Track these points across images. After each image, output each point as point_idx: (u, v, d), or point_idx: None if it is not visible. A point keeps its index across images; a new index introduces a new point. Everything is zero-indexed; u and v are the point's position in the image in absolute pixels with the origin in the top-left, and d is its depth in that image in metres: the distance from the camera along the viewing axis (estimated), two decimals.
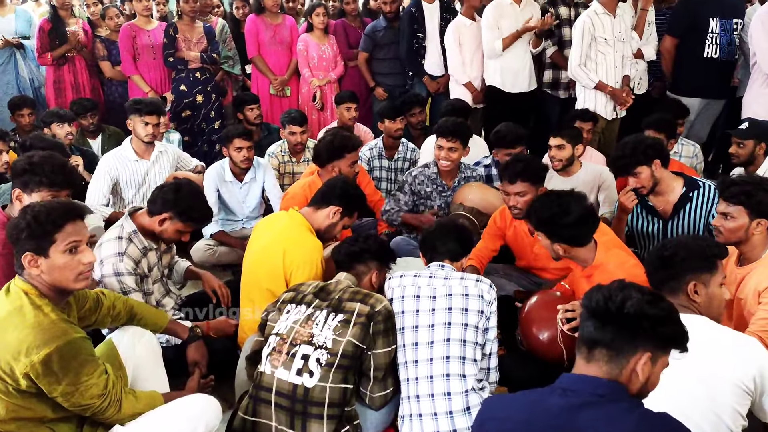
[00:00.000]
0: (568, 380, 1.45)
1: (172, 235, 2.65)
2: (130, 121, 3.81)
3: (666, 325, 1.41)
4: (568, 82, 4.93)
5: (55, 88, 5.33)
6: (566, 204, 2.39)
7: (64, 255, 1.85)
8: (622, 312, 1.40)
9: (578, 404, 1.38)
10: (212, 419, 2.06)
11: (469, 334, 2.19)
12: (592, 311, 1.44)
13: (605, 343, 1.41)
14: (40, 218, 1.83)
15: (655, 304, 1.41)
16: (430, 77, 5.31)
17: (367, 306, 2.15)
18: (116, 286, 2.53)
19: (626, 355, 1.40)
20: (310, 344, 2.10)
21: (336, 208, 2.72)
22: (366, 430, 2.23)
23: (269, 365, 2.13)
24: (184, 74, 5.08)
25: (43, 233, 1.83)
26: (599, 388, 1.39)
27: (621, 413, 1.36)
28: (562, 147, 3.62)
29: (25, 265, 1.83)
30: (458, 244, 2.46)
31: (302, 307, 2.22)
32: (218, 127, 5.19)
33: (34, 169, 2.47)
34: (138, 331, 2.34)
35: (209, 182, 3.84)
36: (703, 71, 4.70)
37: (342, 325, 2.12)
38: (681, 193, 3.07)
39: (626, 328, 1.40)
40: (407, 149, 4.58)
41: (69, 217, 1.89)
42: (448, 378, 2.14)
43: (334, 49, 5.52)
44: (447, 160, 3.59)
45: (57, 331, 1.77)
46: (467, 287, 2.25)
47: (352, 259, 2.43)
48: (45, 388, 1.76)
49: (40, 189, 2.49)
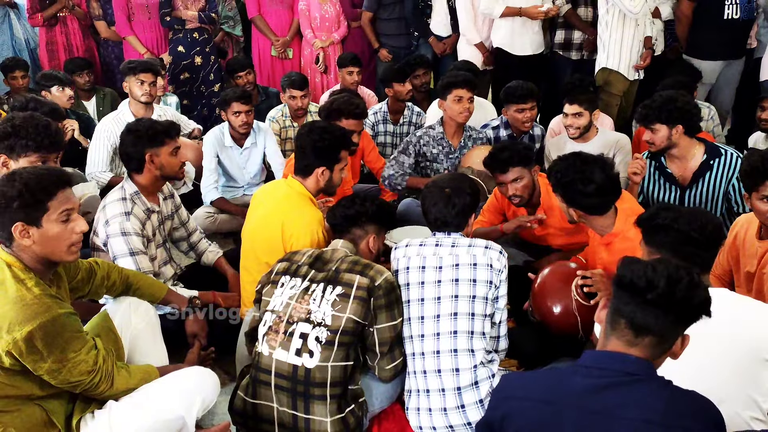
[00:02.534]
0: (593, 358, 1.36)
1: (174, 164, 2.63)
2: (126, 82, 3.75)
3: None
4: (581, 42, 4.75)
5: (48, 49, 5.19)
6: (589, 171, 2.29)
7: (57, 224, 1.76)
8: (687, 302, 1.30)
9: (604, 384, 1.31)
10: (209, 393, 1.99)
11: (478, 306, 2.07)
12: (646, 293, 1.30)
13: (657, 330, 1.31)
14: (31, 185, 1.72)
15: (702, 288, 1.33)
16: (436, 38, 5.13)
17: (367, 278, 2.02)
18: (123, 246, 2.45)
19: (672, 340, 1.33)
20: (308, 322, 1.99)
21: (321, 168, 2.56)
22: (372, 405, 2.16)
23: (266, 346, 2.02)
24: (182, 35, 4.92)
25: (35, 201, 1.73)
26: (628, 366, 1.31)
27: (650, 394, 1.29)
28: (580, 114, 3.51)
29: (16, 236, 1.72)
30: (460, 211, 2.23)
31: (297, 279, 2.08)
32: (218, 90, 5.04)
33: (18, 132, 2.35)
34: (134, 302, 2.25)
35: (208, 147, 3.72)
36: (723, 33, 4.52)
37: (341, 299, 2.00)
38: (702, 161, 2.95)
39: (685, 316, 1.32)
40: (413, 113, 4.44)
41: (60, 184, 1.79)
42: (456, 353, 2.05)
43: (336, 9, 5.33)
44: (468, 111, 3.53)
45: (40, 307, 1.68)
46: (475, 255, 2.11)
47: (348, 222, 2.27)
48: (30, 366, 1.68)
49: (27, 153, 2.38)
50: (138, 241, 2.50)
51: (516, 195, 2.81)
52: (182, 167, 2.70)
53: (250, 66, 4.84)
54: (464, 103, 3.51)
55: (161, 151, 2.58)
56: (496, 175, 2.84)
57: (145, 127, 2.59)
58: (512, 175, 2.78)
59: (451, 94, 3.51)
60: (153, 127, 2.59)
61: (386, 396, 2.22)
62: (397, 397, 2.25)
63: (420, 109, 4.52)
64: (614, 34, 4.30)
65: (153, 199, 2.67)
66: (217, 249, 3.02)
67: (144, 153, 2.56)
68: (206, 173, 3.70)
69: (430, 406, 2.06)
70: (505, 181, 2.81)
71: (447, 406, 2.04)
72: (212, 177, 3.70)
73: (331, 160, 2.58)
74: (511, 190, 2.81)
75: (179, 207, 2.91)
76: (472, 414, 2.02)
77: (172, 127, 2.66)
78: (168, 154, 2.60)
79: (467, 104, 3.52)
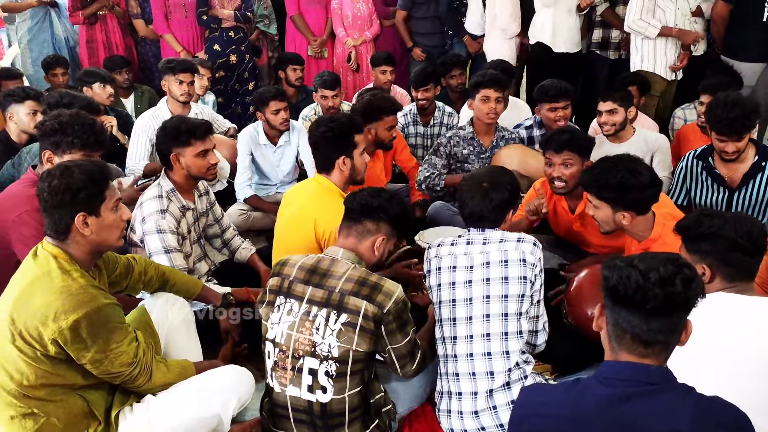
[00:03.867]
0: (612, 369, 1.33)
1: (200, 165, 2.60)
2: (164, 81, 3.79)
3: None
4: (619, 41, 4.67)
5: (87, 47, 5.29)
6: (634, 166, 2.25)
7: (111, 212, 1.84)
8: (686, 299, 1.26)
9: (627, 395, 1.28)
10: (245, 392, 2.02)
11: (511, 306, 2.00)
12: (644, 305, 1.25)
13: (665, 335, 1.28)
14: (94, 176, 1.79)
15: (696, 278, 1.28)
16: (471, 37, 5.08)
17: (374, 305, 1.85)
18: (159, 243, 2.48)
19: (679, 335, 1.30)
20: (314, 356, 1.86)
21: (340, 158, 2.53)
22: (400, 408, 2.15)
23: (277, 383, 1.93)
24: (218, 33, 4.98)
25: (98, 191, 1.80)
26: (649, 376, 1.29)
27: (676, 403, 1.26)
28: (614, 111, 3.43)
29: (77, 227, 1.77)
30: (497, 206, 2.11)
31: (293, 302, 1.92)
32: (252, 89, 5.09)
33: (64, 129, 2.38)
34: (171, 297, 2.29)
35: (242, 145, 3.76)
36: (762, 34, 4.37)
37: (346, 329, 1.84)
38: (753, 162, 2.87)
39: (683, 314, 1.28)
40: (443, 113, 4.40)
41: (109, 175, 1.87)
42: (490, 356, 2.01)
43: (369, 7, 5.33)
44: (494, 112, 3.47)
45: (86, 297, 1.71)
46: (506, 251, 2.03)
47: (365, 211, 2.05)
48: (74, 354, 1.72)
49: (72, 150, 2.40)
50: (173, 238, 2.52)
51: (560, 179, 2.77)
52: (211, 169, 2.65)
53: (303, 62, 4.87)
54: (491, 103, 3.44)
55: (186, 152, 2.57)
56: (549, 153, 2.80)
57: (172, 126, 2.60)
58: (564, 157, 2.75)
59: (478, 93, 3.46)
60: (178, 127, 2.58)
61: (414, 396, 2.20)
62: (426, 397, 2.24)
63: (453, 109, 4.48)
64: None
65: (188, 196, 2.69)
66: (250, 246, 3.05)
67: (170, 151, 2.58)
68: (240, 171, 3.74)
69: (462, 409, 2.03)
70: (555, 162, 2.77)
71: (478, 408, 2.01)
72: (246, 174, 3.74)
73: (347, 147, 2.54)
74: (557, 172, 2.77)
75: (213, 204, 2.94)
76: (504, 415, 1.99)
77: (198, 128, 2.60)
78: (193, 155, 2.58)
79: (494, 104, 3.45)
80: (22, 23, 5.32)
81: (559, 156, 2.74)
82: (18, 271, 1.81)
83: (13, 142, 3.39)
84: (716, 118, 2.76)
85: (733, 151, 2.80)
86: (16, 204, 2.40)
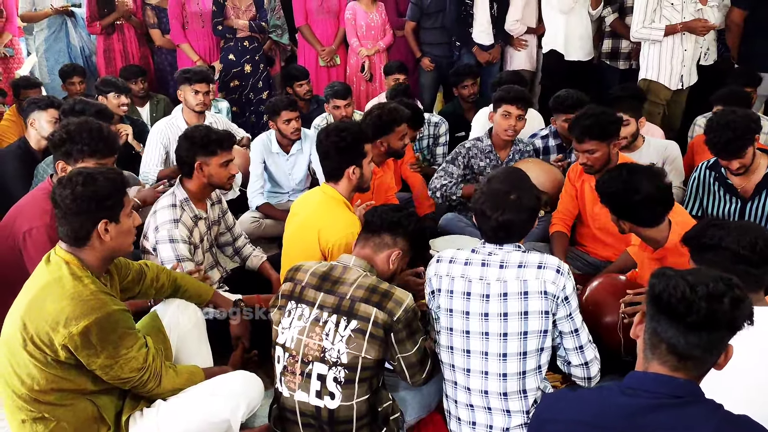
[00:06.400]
0: (639, 380, 1.31)
1: (223, 175, 2.65)
2: (180, 91, 3.83)
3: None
4: (629, 51, 4.67)
5: (105, 57, 5.35)
6: (636, 181, 2.22)
7: (128, 219, 1.87)
8: (732, 320, 1.24)
9: (652, 405, 1.26)
10: (254, 398, 2.03)
11: (531, 343, 1.86)
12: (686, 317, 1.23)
13: (702, 353, 1.26)
14: (117, 183, 1.82)
15: (746, 302, 1.25)
16: (480, 47, 5.08)
17: (384, 313, 1.84)
18: (171, 253, 2.50)
19: (717, 356, 1.27)
20: (323, 362, 1.86)
21: (350, 167, 2.53)
22: (408, 416, 2.14)
23: (286, 388, 1.94)
24: (233, 43, 5.03)
25: (120, 198, 1.84)
26: (676, 390, 1.26)
27: (700, 418, 1.24)
28: (626, 123, 3.41)
29: (100, 233, 1.78)
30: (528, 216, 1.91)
31: (304, 307, 1.93)
32: (266, 98, 5.13)
33: (73, 138, 2.39)
34: (182, 303, 2.30)
35: (255, 153, 3.79)
36: None
37: (356, 336, 1.85)
38: (766, 172, 2.84)
39: (725, 334, 1.25)
40: (428, 125, 4.35)
41: (126, 181, 1.90)
42: (506, 397, 1.89)
43: (382, 17, 5.36)
44: (513, 130, 3.47)
45: (96, 303, 1.73)
46: (526, 282, 1.84)
47: (385, 225, 2.06)
48: (84, 360, 1.73)
49: (83, 158, 2.40)
50: (185, 248, 2.54)
51: (587, 164, 2.88)
52: (231, 179, 2.70)
53: (308, 75, 4.91)
54: (511, 120, 3.43)
55: (212, 161, 2.61)
56: (574, 142, 2.91)
57: (200, 135, 2.62)
58: (587, 146, 2.84)
59: (501, 108, 3.45)
60: (207, 136, 2.61)
61: (422, 406, 2.19)
62: (435, 406, 2.22)
63: (467, 118, 4.45)
64: (652, 46, 4.23)
65: (201, 205, 2.71)
66: (261, 254, 3.06)
67: (195, 159, 2.60)
68: (253, 179, 3.77)
69: None
70: (579, 150, 2.87)
71: None
72: (258, 183, 3.77)
73: (358, 156, 2.54)
74: (583, 158, 2.88)
75: (226, 212, 2.96)
76: None
77: (226, 139, 2.67)
78: (218, 165, 2.62)
79: (514, 121, 3.44)
80: (39, 33, 5.41)
81: (581, 145, 2.84)
82: (31, 277, 1.84)
83: (32, 149, 3.45)
84: (711, 141, 2.76)
85: (737, 167, 2.78)
86: (32, 215, 2.39)
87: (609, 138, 2.82)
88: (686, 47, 4.22)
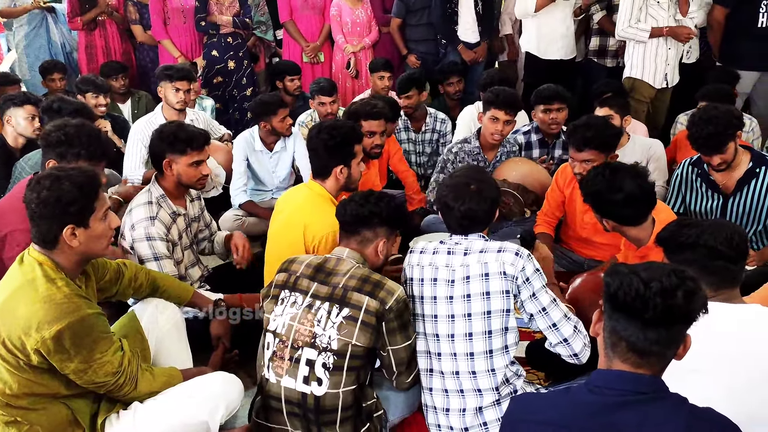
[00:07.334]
0: (603, 378, 1.31)
1: (192, 175, 2.57)
2: (160, 88, 3.79)
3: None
4: (616, 49, 4.69)
5: (87, 53, 5.27)
6: (619, 180, 2.22)
7: (101, 223, 1.81)
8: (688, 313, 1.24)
9: (617, 403, 1.26)
10: (234, 399, 2.01)
11: (495, 322, 1.93)
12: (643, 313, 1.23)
13: (661, 347, 1.26)
14: (85, 188, 1.76)
15: (700, 292, 1.25)
16: (465, 45, 5.06)
17: (377, 301, 1.88)
18: (148, 251, 2.47)
19: (676, 347, 1.28)
20: (313, 347, 1.88)
21: (338, 166, 2.52)
22: (392, 416, 2.13)
23: (273, 374, 1.94)
24: (216, 39, 4.98)
25: (88, 203, 1.77)
26: (641, 386, 1.26)
27: (667, 413, 1.24)
28: (611, 118, 3.42)
29: (66, 239, 1.74)
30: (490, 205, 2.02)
31: (298, 295, 1.96)
32: (249, 95, 5.09)
33: (70, 141, 2.36)
34: (161, 303, 2.27)
35: (238, 151, 3.75)
36: (757, 42, 4.40)
37: (347, 323, 1.87)
38: (747, 168, 2.86)
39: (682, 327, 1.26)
40: (435, 120, 4.37)
41: (100, 184, 1.84)
42: (475, 375, 1.95)
43: (368, 14, 5.33)
44: (500, 134, 3.42)
45: (69, 307, 1.70)
46: (487, 264, 1.93)
47: (359, 222, 2.06)
48: (57, 365, 1.70)
49: (78, 161, 2.36)
50: (162, 245, 2.50)
51: (581, 174, 2.75)
52: (201, 180, 2.62)
53: (300, 72, 4.87)
54: (499, 125, 3.38)
55: (180, 160, 2.54)
56: (571, 150, 2.83)
57: (169, 131, 2.55)
58: (585, 156, 2.78)
59: (489, 111, 3.41)
60: (176, 134, 2.53)
61: (405, 405, 2.18)
62: (418, 406, 2.21)
63: (445, 115, 4.45)
64: (637, 45, 4.25)
65: (179, 202, 2.67)
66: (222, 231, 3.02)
67: (164, 156, 2.54)
68: (235, 176, 3.74)
69: (451, 425, 2.01)
70: (577, 159, 2.80)
71: (468, 425, 1.98)
72: (241, 180, 3.73)
73: (346, 156, 2.53)
74: (579, 168, 2.80)
75: (203, 209, 2.92)
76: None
77: (196, 139, 2.56)
78: (186, 165, 2.54)
79: (502, 126, 3.38)
80: (19, 29, 5.32)
81: (580, 154, 2.78)
82: (4, 278, 1.80)
83: (8, 146, 3.39)
84: (692, 136, 2.78)
85: (719, 163, 2.79)
86: (13, 217, 2.35)
87: (608, 150, 2.78)
88: (670, 46, 4.24)
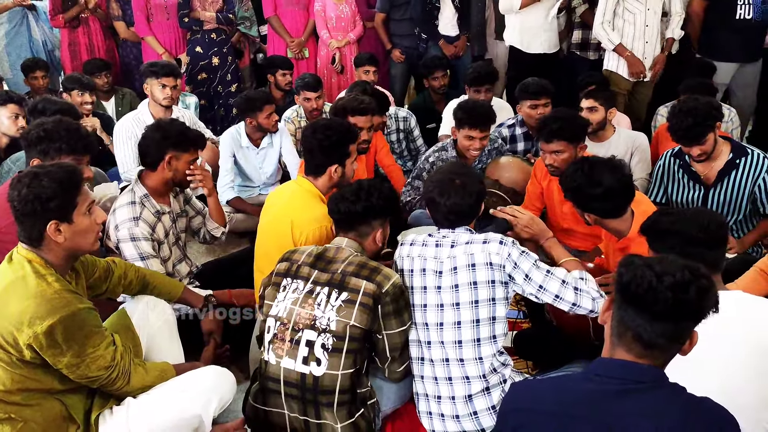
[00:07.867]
0: (605, 366, 1.33)
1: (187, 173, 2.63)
2: (146, 85, 3.77)
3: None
4: (599, 42, 4.71)
5: (70, 50, 5.23)
6: (597, 174, 2.25)
7: (85, 217, 1.81)
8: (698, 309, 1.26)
9: (617, 391, 1.28)
10: (226, 393, 2.02)
11: (482, 311, 1.98)
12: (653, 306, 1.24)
13: (667, 341, 1.28)
14: (64, 183, 1.76)
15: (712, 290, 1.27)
16: (445, 39, 5.06)
17: (374, 284, 1.95)
18: (133, 251, 2.46)
19: (682, 343, 1.30)
20: (313, 329, 1.94)
21: (332, 166, 2.55)
22: (384, 406, 2.16)
23: (273, 354, 1.99)
24: (200, 35, 4.96)
25: (68, 199, 1.77)
26: (640, 375, 1.29)
27: (664, 402, 1.26)
28: (595, 109, 3.47)
29: (51, 235, 1.74)
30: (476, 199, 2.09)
31: (299, 282, 2.03)
32: (234, 91, 5.07)
33: (51, 136, 2.36)
34: (152, 300, 2.28)
35: (225, 147, 3.75)
36: (736, 34, 4.45)
37: (346, 305, 1.94)
38: (727, 159, 2.90)
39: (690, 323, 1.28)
40: (397, 120, 4.33)
41: (81, 179, 1.84)
42: (463, 363, 2.00)
43: (352, 9, 5.33)
44: (477, 150, 3.35)
45: (61, 302, 1.70)
46: (473, 255, 1.99)
47: (353, 219, 2.11)
48: (49, 359, 1.71)
49: (60, 156, 2.37)
50: (147, 245, 2.49)
51: (552, 165, 2.85)
52: None
53: (292, 67, 4.86)
54: (476, 142, 3.30)
55: (183, 157, 2.59)
56: (540, 142, 2.89)
57: (176, 130, 2.60)
58: (554, 147, 2.82)
59: (464, 129, 3.32)
60: (184, 133, 2.62)
61: (398, 396, 2.21)
62: (409, 396, 2.24)
63: (437, 109, 4.44)
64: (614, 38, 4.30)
65: (163, 200, 2.66)
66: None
67: (165, 153, 2.56)
68: (222, 173, 3.73)
69: (442, 411, 2.05)
70: (546, 150, 2.85)
71: (459, 413, 2.02)
72: (228, 177, 3.73)
73: (341, 155, 2.56)
74: (549, 159, 2.85)
75: (190, 199, 2.91)
76: (485, 420, 2.00)
77: (200, 139, 2.70)
78: (187, 162, 2.61)
79: (478, 144, 3.31)
80: None
81: (549, 145, 2.82)
82: None
83: None
84: (672, 128, 2.82)
85: (698, 154, 2.84)
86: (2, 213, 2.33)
87: (576, 140, 2.82)
88: (648, 40, 4.29)
